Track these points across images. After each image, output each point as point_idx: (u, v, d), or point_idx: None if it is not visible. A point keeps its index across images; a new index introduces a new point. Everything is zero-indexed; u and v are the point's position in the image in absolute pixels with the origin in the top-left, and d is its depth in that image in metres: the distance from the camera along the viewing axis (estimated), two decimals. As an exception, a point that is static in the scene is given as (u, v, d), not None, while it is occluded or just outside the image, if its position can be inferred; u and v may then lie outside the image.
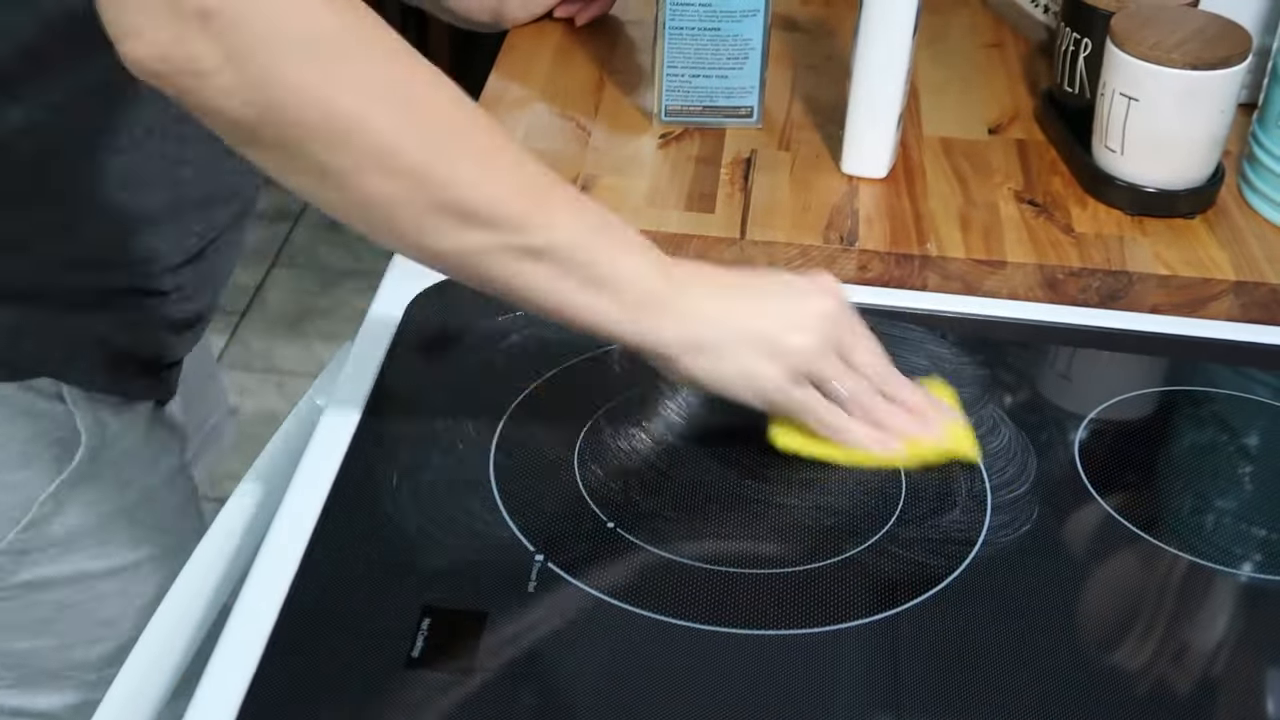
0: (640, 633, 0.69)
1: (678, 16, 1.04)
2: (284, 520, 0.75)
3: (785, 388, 0.75)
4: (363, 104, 0.65)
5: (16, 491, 0.86)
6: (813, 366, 0.76)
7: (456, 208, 0.68)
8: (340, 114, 0.65)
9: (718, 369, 0.75)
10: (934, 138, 1.09)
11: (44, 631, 0.91)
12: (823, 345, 0.76)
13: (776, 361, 0.75)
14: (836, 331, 0.76)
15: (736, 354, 0.75)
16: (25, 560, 0.88)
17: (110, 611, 0.92)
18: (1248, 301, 0.95)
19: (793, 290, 0.78)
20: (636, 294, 0.73)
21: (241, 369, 2.37)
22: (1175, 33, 0.97)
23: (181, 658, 0.77)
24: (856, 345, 0.78)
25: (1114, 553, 0.76)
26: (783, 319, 0.76)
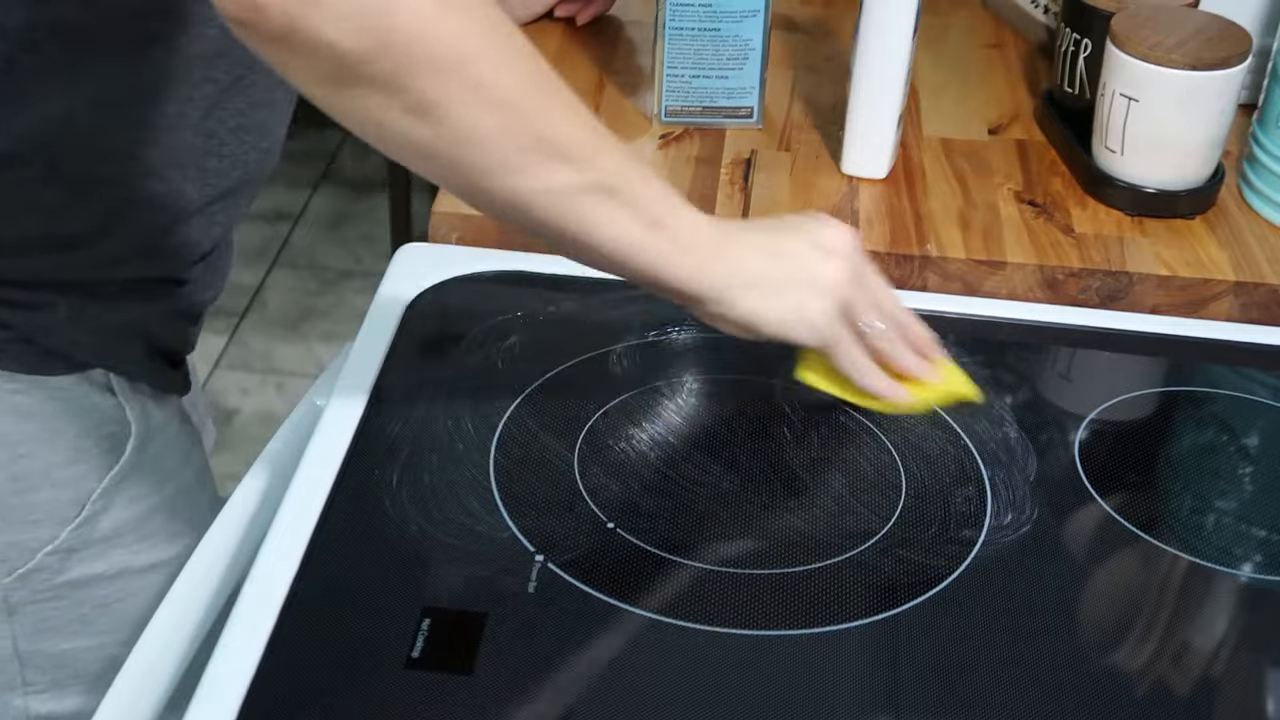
0: (640, 633, 0.69)
1: (678, 17, 1.04)
2: (284, 520, 0.75)
3: (833, 320, 0.78)
4: (473, 36, 0.66)
5: (68, 489, 0.86)
6: (848, 295, 0.78)
7: (548, 144, 0.70)
8: (453, 43, 0.65)
9: (769, 305, 0.77)
10: (934, 138, 1.09)
11: (83, 631, 0.91)
12: (852, 273, 0.78)
13: (824, 295, 0.77)
14: (860, 261, 0.79)
15: (785, 290, 0.77)
16: (73, 558, 0.88)
17: (146, 609, 0.92)
18: (1248, 302, 0.95)
19: (808, 225, 0.80)
20: (691, 236, 0.75)
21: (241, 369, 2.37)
22: (1175, 33, 0.97)
23: (182, 658, 0.77)
24: (875, 281, 0.81)
25: (1114, 553, 0.76)
26: (815, 250, 0.78)
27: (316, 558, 0.72)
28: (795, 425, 0.83)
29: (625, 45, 1.20)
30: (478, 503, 0.76)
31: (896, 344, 0.81)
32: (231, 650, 0.67)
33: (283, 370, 2.38)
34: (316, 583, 0.71)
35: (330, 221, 2.73)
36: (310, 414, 0.88)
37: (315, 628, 0.69)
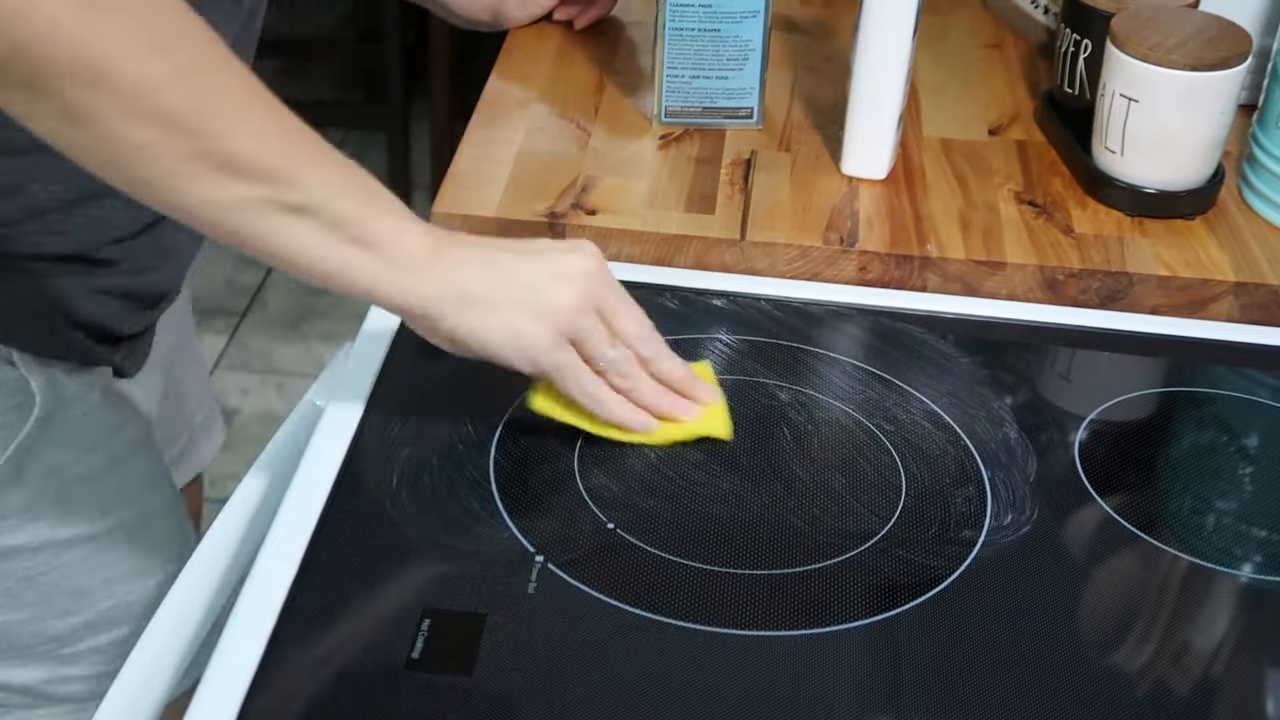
0: (640, 634, 0.69)
1: (678, 18, 1.04)
2: (284, 521, 0.75)
3: (550, 349, 0.76)
4: (122, 45, 0.63)
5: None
6: (576, 324, 0.76)
7: (215, 157, 0.67)
8: (97, 53, 0.63)
9: (483, 326, 0.75)
10: (934, 139, 1.09)
11: (11, 604, 0.90)
12: (584, 301, 0.76)
13: (542, 320, 0.75)
14: (599, 290, 0.77)
15: (502, 311, 0.75)
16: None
17: (79, 582, 0.92)
18: (1248, 302, 0.95)
19: (553, 249, 0.78)
20: (401, 252, 0.73)
21: (241, 370, 2.37)
22: (1175, 34, 0.97)
23: (182, 658, 0.77)
24: (619, 310, 0.78)
25: (1114, 553, 0.76)
26: (546, 275, 0.76)
27: (316, 558, 0.72)
28: (795, 426, 0.83)
29: (625, 46, 1.20)
30: (477, 503, 0.76)
31: (634, 378, 0.79)
32: (231, 650, 0.67)
33: (283, 370, 2.38)
34: (316, 583, 0.71)
35: (330, 222, 2.73)
36: (310, 414, 0.88)
37: (315, 628, 0.69)
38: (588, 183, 1.02)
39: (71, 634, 0.93)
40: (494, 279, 0.76)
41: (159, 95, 0.65)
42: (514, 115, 1.10)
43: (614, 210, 0.99)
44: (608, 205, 0.99)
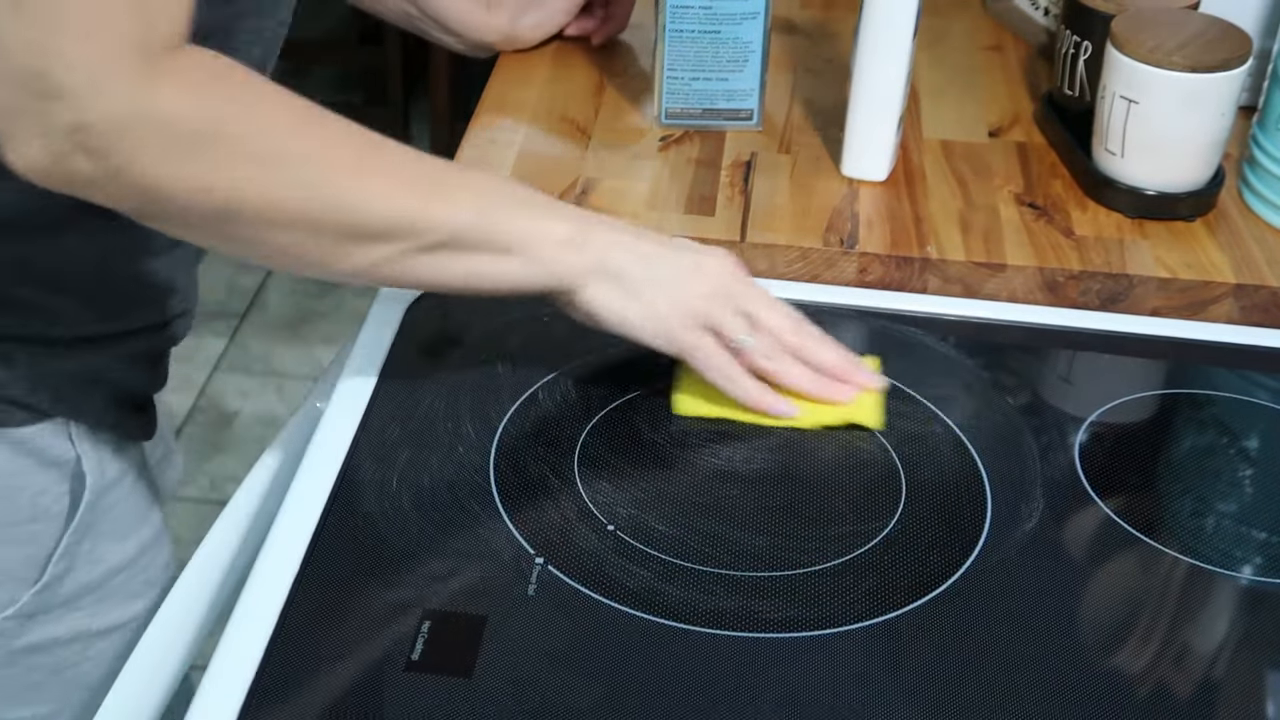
0: (640, 636, 0.69)
1: (678, 20, 1.04)
2: (284, 523, 0.75)
3: (688, 327, 0.79)
4: (237, 181, 0.68)
5: (26, 547, 0.83)
6: (711, 311, 0.79)
7: (354, 232, 0.72)
8: (220, 197, 0.68)
9: (624, 303, 0.79)
10: (934, 141, 1.09)
11: (35, 699, 0.87)
12: (723, 294, 0.80)
13: (678, 304, 0.79)
14: (735, 286, 0.81)
15: (641, 289, 0.79)
16: (31, 623, 0.84)
17: (100, 673, 0.89)
18: (1248, 304, 0.95)
19: (692, 246, 0.82)
20: (547, 243, 0.77)
21: (241, 372, 2.37)
22: (1175, 36, 0.97)
23: (182, 659, 0.77)
24: (759, 304, 0.81)
25: (1114, 555, 0.76)
26: (685, 265, 0.80)
27: (316, 560, 0.72)
28: (795, 427, 0.83)
29: (625, 48, 1.20)
30: (478, 505, 0.76)
31: (778, 360, 0.81)
32: (232, 652, 0.67)
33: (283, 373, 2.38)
34: (317, 585, 0.71)
35: (330, 224, 2.73)
36: (310, 416, 0.88)
37: (315, 630, 0.68)
38: (588, 184, 1.02)
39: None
40: (635, 260, 0.79)
41: (285, 209, 0.70)
42: (514, 117, 1.10)
43: (614, 212, 0.98)
44: (608, 207, 0.99)
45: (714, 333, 0.80)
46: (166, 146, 0.66)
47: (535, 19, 1.16)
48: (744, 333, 0.80)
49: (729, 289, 0.80)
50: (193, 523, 1.25)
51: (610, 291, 0.79)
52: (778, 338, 0.81)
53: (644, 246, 0.80)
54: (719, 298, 0.80)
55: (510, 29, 1.16)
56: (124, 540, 0.88)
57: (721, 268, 0.81)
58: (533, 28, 1.17)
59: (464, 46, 1.16)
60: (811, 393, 0.81)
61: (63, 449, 0.83)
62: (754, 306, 0.81)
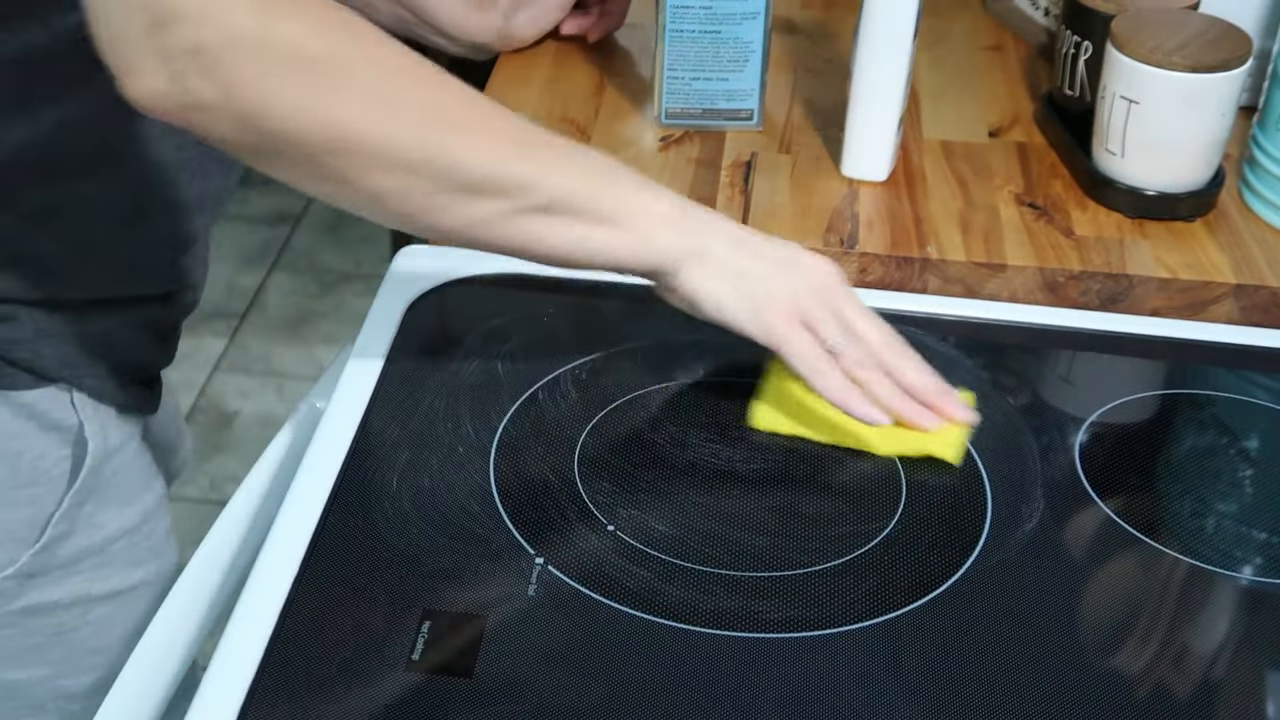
0: (640, 636, 0.69)
1: (678, 20, 1.04)
2: (284, 523, 0.75)
3: (784, 318, 0.78)
4: (354, 115, 0.69)
5: (26, 509, 0.84)
6: (810, 308, 0.78)
7: (460, 185, 0.72)
8: (335, 129, 0.68)
9: (722, 287, 0.78)
10: (934, 141, 1.09)
11: (36, 660, 0.89)
12: (821, 294, 0.79)
13: (777, 295, 0.78)
14: (836, 291, 0.80)
15: (740, 276, 0.78)
16: (30, 584, 0.85)
17: (102, 639, 0.90)
18: (1248, 305, 0.95)
19: (797, 247, 0.81)
20: (646, 219, 0.77)
21: (241, 372, 2.37)
22: (1175, 36, 0.97)
23: (183, 659, 0.77)
24: (858, 313, 0.80)
25: (1114, 556, 0.76)
26: (788, 259, 0.80)
27: (316, 560, 0.72)
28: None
29: (625, 48, 1.20)
30: (478, 505, 0.76)
31: (870, 369, 0.79)
32: (232, 652, 0.67)
33: (283, 373, 2.38)
34: (316, 585, 0.71)
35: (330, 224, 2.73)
36: (310, 416, 0.88)
37: (315, 630, 0.68)
38: (588, 185, 1.02)
39: (84, 692, 0.91)
40: (735, 246, 0.79)
41: (397, 149, 0.70)
42: (514, 117, 1.09)
43: (614, 212, 0.98)
44: (608, 207, 0.99)
45: (809, 329, 0.79)
46: (283, 70, 0.66)
47: (529, 15, 1.16)
48: (839, 335, 0.79)
49: (828, 290, 0.79)
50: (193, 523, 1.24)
51: (709, 275, 0.78)
52: (872, 349, 0.79)
53: (744, 235, 0.80)
54: (817, 296, 0.79)
55: (504, 27, 1.15)
56: (126, 507, 0.89)
57: (821, 269, 0.80)
58: (526, 24, 1.16)
59: (460, 49, 1.15)
60: (898, 411, 0.79)
61: (65, 414, 0.84)
62: (851, 313, 0.79)
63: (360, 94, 0.69)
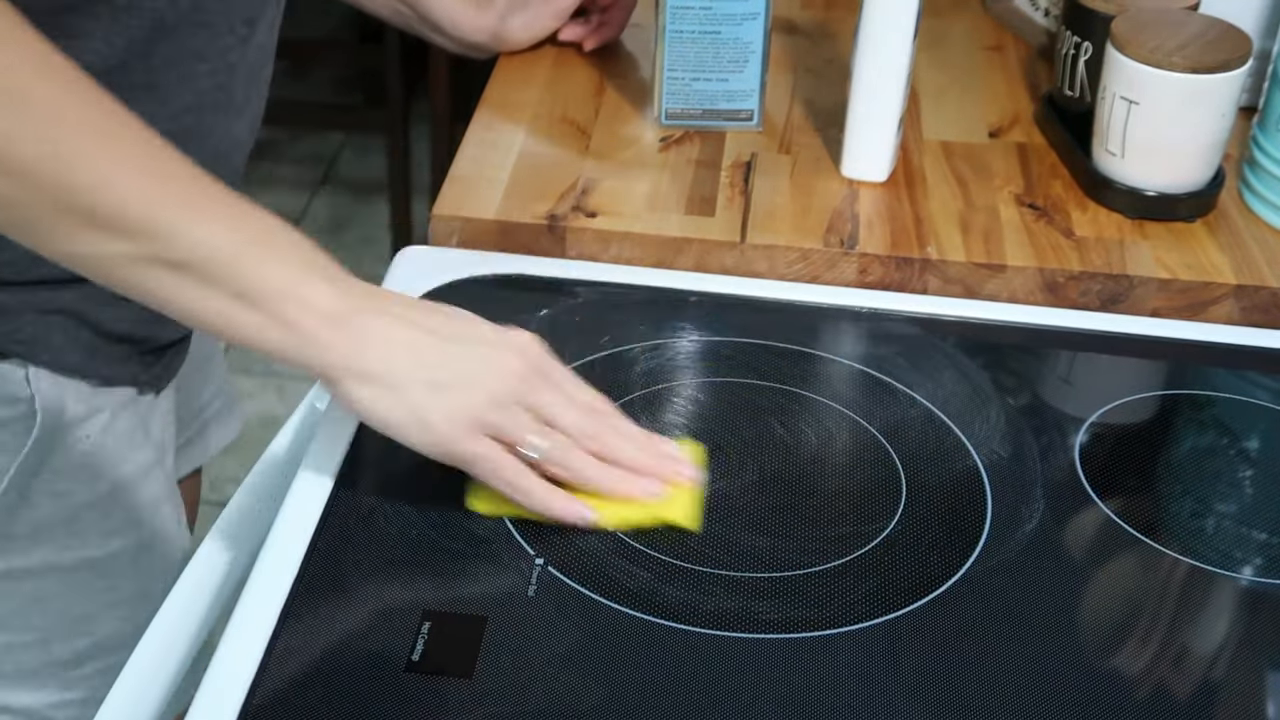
0: (640, 637, 0.69)
1: (678, 20, 1.04)
2: (284, 523, 0.75)
3: (461, 439, 0.71)
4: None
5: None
6: (489, 418, 0.72)
7: (82, 212, 0.65)
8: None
9: (389, 408, 0.71)
10: (934, 141, 1.09)
11: (19, 625, 0.90)
12: (512, 396, 0.72)
13: (452, 411, 0.71)
14: (524, 389, 0.73)
15: (410, 394, 0.71)
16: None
17: (86, 606, 0.91)
18: (1248, 305, 0.95)
19: (483, 341, 0.74)
20: (300, 309, 0.69)
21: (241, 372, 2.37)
22: (1176, 36, 0.97)
23: (182, 660, 0.77)
24: (552, 400, 0.74)
25: (1114, 556, 0.76)
26: (465, 369, 0.72)
27: (316, 561, 0.72)
28: (795, 429, 0.83)
29: (625, 48, 1.20)
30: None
31: (574, 464, 0.73)
32: (232, 653, 0.67)
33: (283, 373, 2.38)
34: (316, 586, 0.71)
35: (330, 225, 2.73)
36: (310, 417, 0.88)
37: (315, 631, 0.68)
38: (588, 185, 1.02)
39: (75, 658, 0.92)
40: (402, 358, 0.71)
41: (10, 147, 0.63)
42: (514, 118, 1.10)
43: (614, 212, 0.99)
44: (608, 207, 0.99)
45: (499, 439, 0.72)
46: None
47: (524, 20, 1.16)
48: (534, 434, 0.72)
49: (520, 388, 0.72)
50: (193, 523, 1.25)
51: (372, 393, 0.70)
52: (574, 437, 0.73)
53: (414, 340, 0.71)
54: (506, 400, 0.72)
55: (499, 28, 1.15)
56: (95, 479, 0.89)
57: (514, 363, 0.73)
58: (521, 29, 1.16)
59: (456, 47, 1.16)
60: (613, 492, 0.74)
61: (18, 388, 0.82)
62: (548, 403, 0.73)
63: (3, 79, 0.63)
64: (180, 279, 0.67)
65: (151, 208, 0.66)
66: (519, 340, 0.74)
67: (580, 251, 0.97)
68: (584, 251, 0.97)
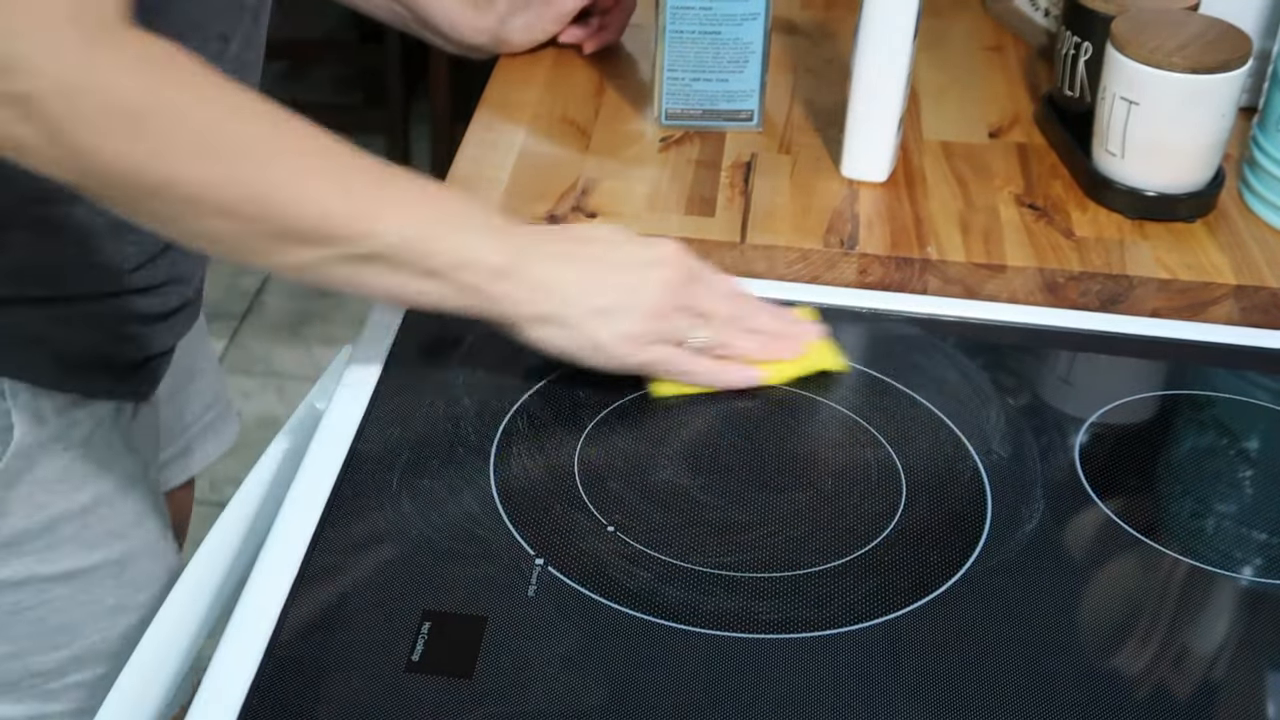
0: (640, 637, 0.69)
1: (678, 20, 1.04)
2: (284, 524, 0.75)
3: (636, 352, 0.80)
4: (171, 164, 0.69)
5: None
6: (657, 328, 0.80)
7: (284, 233, 0.72)
8: (156, 175, 0.69)
9: (567, 339, 0.79)
10: (934, 141, 1.09)
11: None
12: (663, 305, 0.80)
13: (622, 331, 0.79)
14: (679, 295, 0.81)
15: (583, 325, 0.79)
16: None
17: (65, 617, 0.91)
18: (1248, 305, 0.95)
19: (633, 261, 0.81)
20: (476, 272, 0.76)
21: (241, 373, 2.37)
22: (1176, 36, 0.97)
23: (182, 661, 0.77)
24: (703, 296, 0.82)
25: (1114, 557, 0.76)
26: (626, 292, 0.80)
27: (316, 561, 0.72)
28: (795, 429, 0.83)
29: (625, 49, 1.20)
30: (478, 506, 0.76)
31: (730, 346, 0.83)
32: (232, 653, 0.67)
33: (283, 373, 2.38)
34: (316, 586, 0.71)
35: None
36: (310, 417, 0.88)
37: (315, 631, 0.68)
38: (588, 185, 1.02)
39: (56, 670, 0.92)
40: (568, 295, 0.79)
41: (218, 194, 0.70)
42: (514, 117, 1.10)
43: (614, 212, 0.99)
44: (608, 207, 0.99)
45: (666, 342, 0.81)
46: (104, 118, 0.66)
47: (523, 22, 1.16)
48: (694, 330, 0.81)
49: (674, 297, 0.80)
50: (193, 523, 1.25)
51: (549, 329, 0.79)
52: (725, 321, 0.83)
53: (580, 272, 0.79)
54: (665, 310, 0.80)
55: (498, 30, 1.15)
56: (75, 491, 0.89)
57: (666, 274, 0.80)
58: (521, 31, 1.16)
59: (455, 48, 1.16)
60: (768, 357, 0.84)
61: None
62: (700, 302, 0.81)
63: (179, 140, 0.69)
64: (377, 269, 0.75)
65: (340, 216, 0.73)
66: (665, 251, 0.81)
67: (580, 252, 0.97)
68: (584, 252, 0.97)
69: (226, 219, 0.71)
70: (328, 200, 0.73)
